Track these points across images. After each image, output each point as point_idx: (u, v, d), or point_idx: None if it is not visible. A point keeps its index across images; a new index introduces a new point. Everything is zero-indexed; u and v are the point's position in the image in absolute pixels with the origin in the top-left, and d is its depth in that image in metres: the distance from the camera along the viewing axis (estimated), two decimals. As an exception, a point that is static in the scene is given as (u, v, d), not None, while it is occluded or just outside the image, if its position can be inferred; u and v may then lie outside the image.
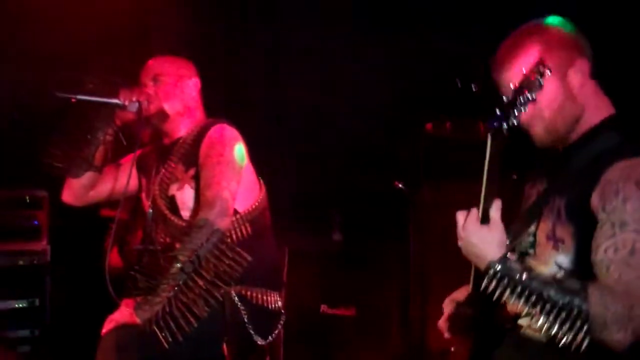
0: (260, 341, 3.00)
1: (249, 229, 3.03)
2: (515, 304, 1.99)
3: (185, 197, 3.06)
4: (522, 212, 2.30)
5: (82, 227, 4.66)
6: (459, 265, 4.31)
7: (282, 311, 3.13)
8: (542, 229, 2.14)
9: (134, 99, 3.03)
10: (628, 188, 1.91)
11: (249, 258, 2.84)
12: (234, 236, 2.97)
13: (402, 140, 4.67)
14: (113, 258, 4.50)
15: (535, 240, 2.17)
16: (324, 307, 4.42)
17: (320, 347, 4.40)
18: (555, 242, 2.09)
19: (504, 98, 2.02)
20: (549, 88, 2.07)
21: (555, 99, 2.11)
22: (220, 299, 2.85)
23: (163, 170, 3.14)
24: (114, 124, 3.13)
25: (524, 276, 1.96)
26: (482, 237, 2.03)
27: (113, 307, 3.06)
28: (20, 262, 4.44)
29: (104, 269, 2.89)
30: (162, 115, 3.12)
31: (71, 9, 4.66)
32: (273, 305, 3.08)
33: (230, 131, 3.07)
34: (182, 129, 3.16)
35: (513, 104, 1.96)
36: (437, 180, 4.42)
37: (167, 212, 3.07)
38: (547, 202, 2.14)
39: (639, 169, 1.93)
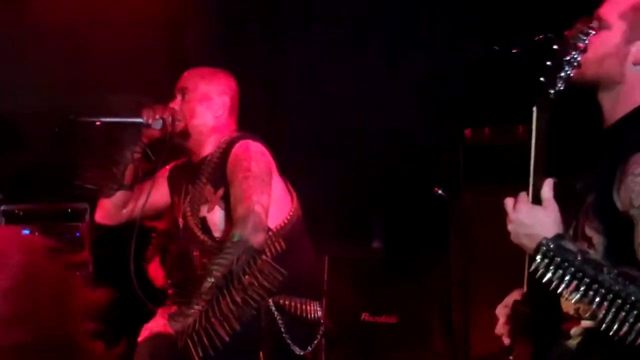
0: (298, 351, 2.98)
1: (282, 244, 2.97)
2: (566, 290, 1.85)
3: (216, 218, 3.04)
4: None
5: (124, 238, 4.71)
6: (501, 271, 4.28)
7: (322, 321, 3.10)
8: (579, 228, 2.02)
9: (157, 116, 3.04)
10: None
11: (284, 273, 2.82)
12: (268, 253, 2.92)
13: (441, 147, 4.64)
14: (155, 268, 4.54)
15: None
16: (365, 315, 4.40)
17: (361, 355, 4.38)
18: (585, 241, 1.97)
19: (548, 62, 1.93)
20: (605, 36, 1.98)
21: (602, 46, 1.98)
22: (254, 312, 2.83)
23: (192, 191, 3.13)
24: (140, 142, 3.14)
25: (579, 257, 1.83)
26: (535, 216, 1.92)
27: (153, 317, 3.08)
28: (63, 274, 4.48)
29: (136, 278, 2.91)
30: (184, 134, 3.11)
31: (106, 22, 4.72)
32: (312, 315, 3.05)
33: (255, 145, 3.04)
34: (207, 147, 3.13)
35: (557, 67, 1.88)
36: (477, 186, 4.38)
37: (199, 234, 3.06)
38: (582, 200, 2.03)
39: None
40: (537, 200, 1.93)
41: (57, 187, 4.66)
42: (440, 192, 4.37)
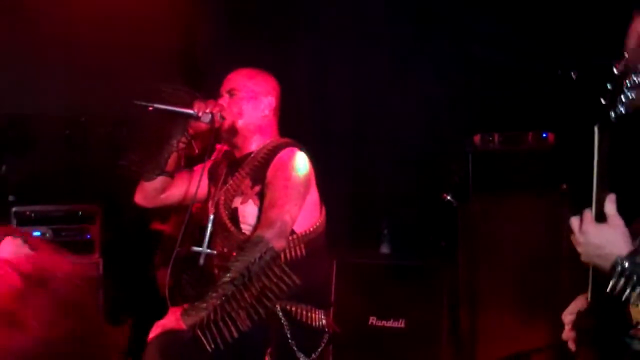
0: (302, 358, 3.02)
1: (303, 250, 3.06)
2: None
3: (247, 211, 3.11)
4: None
5: (133, 240, 4.74)
6: (509, 277, 4.29)
7: (326, 330, 3.14)
8: None
9: (207, 110, 3.11)
10: None
11: (298, 281, 2.88)
12: (288, 256, 3.00)
13: (450, 153, 4.66)
14: (163, 274, 4.57)
15: None
16: (372, 319, 4.41)
17: (369, 359, 4.39)
18: None
19: (608, 85, 1.90)
20: None
21: None
22: (263, 315, 2.89)
23: (230, 182, 3.21)
24: (187, 133, 3.22)
25: None
26: (604, 236, 1.91)
27: (163, 316, 3.10)
28: (74, 276, 4.52)
29: (159, 281, 2.95)
30: (232, 130, 3.19)
31: (118, 24, 4.75)
32: (317, 323, 3.09)
33: (301, 156, 3.13)
34: (252, 144, 3.22)
35: (619, 89, 1.85)
36: (485, 192, 4.39)
37: (227, 222, 3.13)
38: None
39: None
40: (601, 217, 1.92)
41: (68, 190, 4.70)
42: (448, 198, 4.38)
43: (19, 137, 4.81)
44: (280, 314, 2.98)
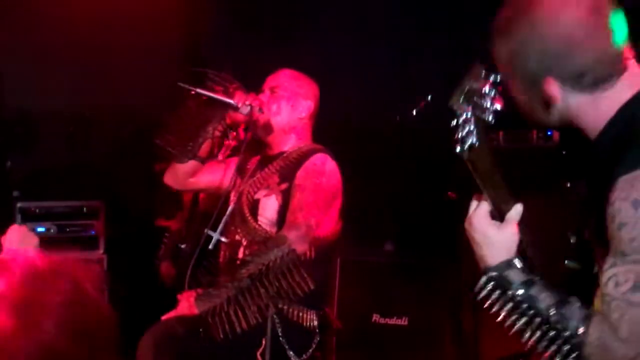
0: (293, 357, 3.03)
1: (312, 254, 3.08)
2: (507, 320, 1.72)
3: (268, 205, 3.15)
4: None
5: (137, 236, 4.75)
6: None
7: (317, 331, 3.14)
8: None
9: (247, 102, 3.13)
10: (624, 211, 1.60)
11: (313, 287, 2.90)
12: None
13: (454, 150, 4.66)
14: (167, 267, 4.59)
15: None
16: (376, 317, 4.42)
17: (372, 357, 4.40)
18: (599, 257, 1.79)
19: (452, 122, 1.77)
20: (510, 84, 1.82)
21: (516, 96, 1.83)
22: (273, 312, 2.93)
23: (258, 175, 3.24)
24: (224, 122, 3.24)
25: (520, 291, 1.71)
26: (487, 235, 1.77)
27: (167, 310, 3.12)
28: (78, 271, 4.53)
29: (163, 274, 2.96)
30: (267, 128, 3.22)
31: (122, 24, 4.77)
32: (308, 324, 3.11)
33: (332, 164, 3.17)
34: (287, 144, 3.26)
35: (461, 124, 1.74)
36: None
37: (246, 211, 3.16)
38: (589, 213, 1.83)
39: (637, 184, 1.60)
40: (500, 216, 1.78)
41: (72, 186, 4.72)
42: (453, 196, 4.39)
43: (24, 133, 4.83)
44: (273, 312, 3.00)
